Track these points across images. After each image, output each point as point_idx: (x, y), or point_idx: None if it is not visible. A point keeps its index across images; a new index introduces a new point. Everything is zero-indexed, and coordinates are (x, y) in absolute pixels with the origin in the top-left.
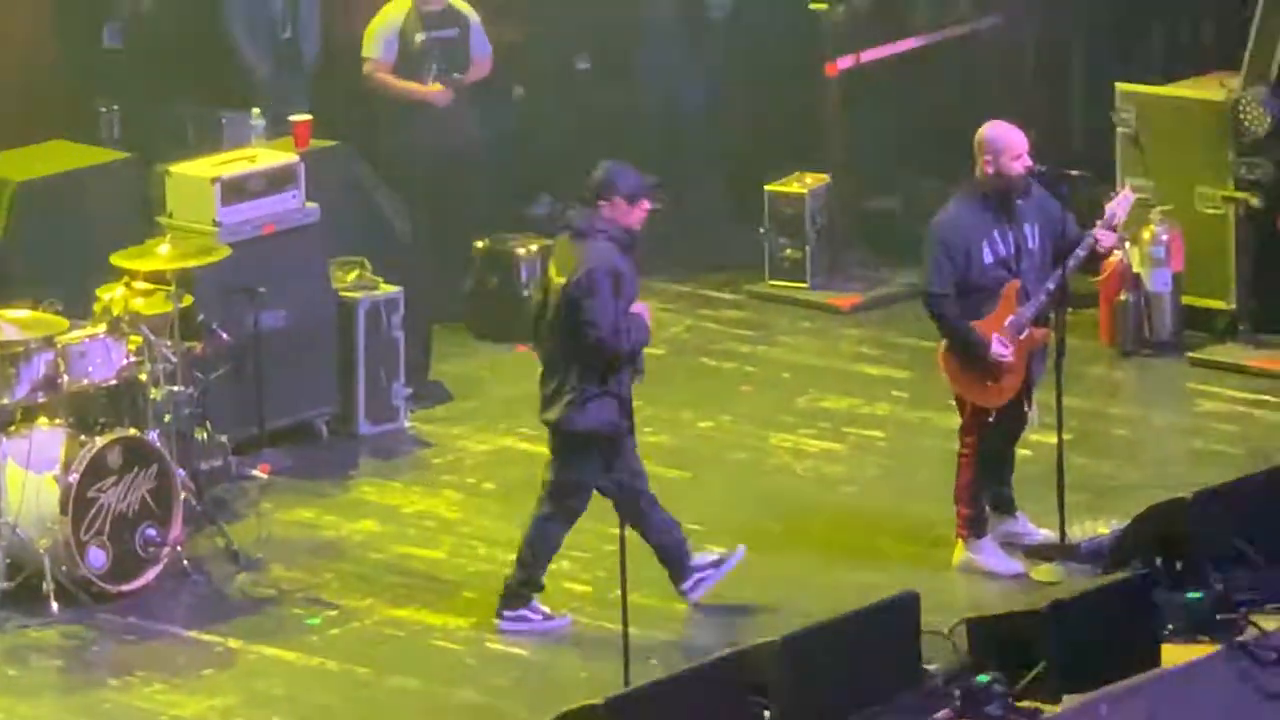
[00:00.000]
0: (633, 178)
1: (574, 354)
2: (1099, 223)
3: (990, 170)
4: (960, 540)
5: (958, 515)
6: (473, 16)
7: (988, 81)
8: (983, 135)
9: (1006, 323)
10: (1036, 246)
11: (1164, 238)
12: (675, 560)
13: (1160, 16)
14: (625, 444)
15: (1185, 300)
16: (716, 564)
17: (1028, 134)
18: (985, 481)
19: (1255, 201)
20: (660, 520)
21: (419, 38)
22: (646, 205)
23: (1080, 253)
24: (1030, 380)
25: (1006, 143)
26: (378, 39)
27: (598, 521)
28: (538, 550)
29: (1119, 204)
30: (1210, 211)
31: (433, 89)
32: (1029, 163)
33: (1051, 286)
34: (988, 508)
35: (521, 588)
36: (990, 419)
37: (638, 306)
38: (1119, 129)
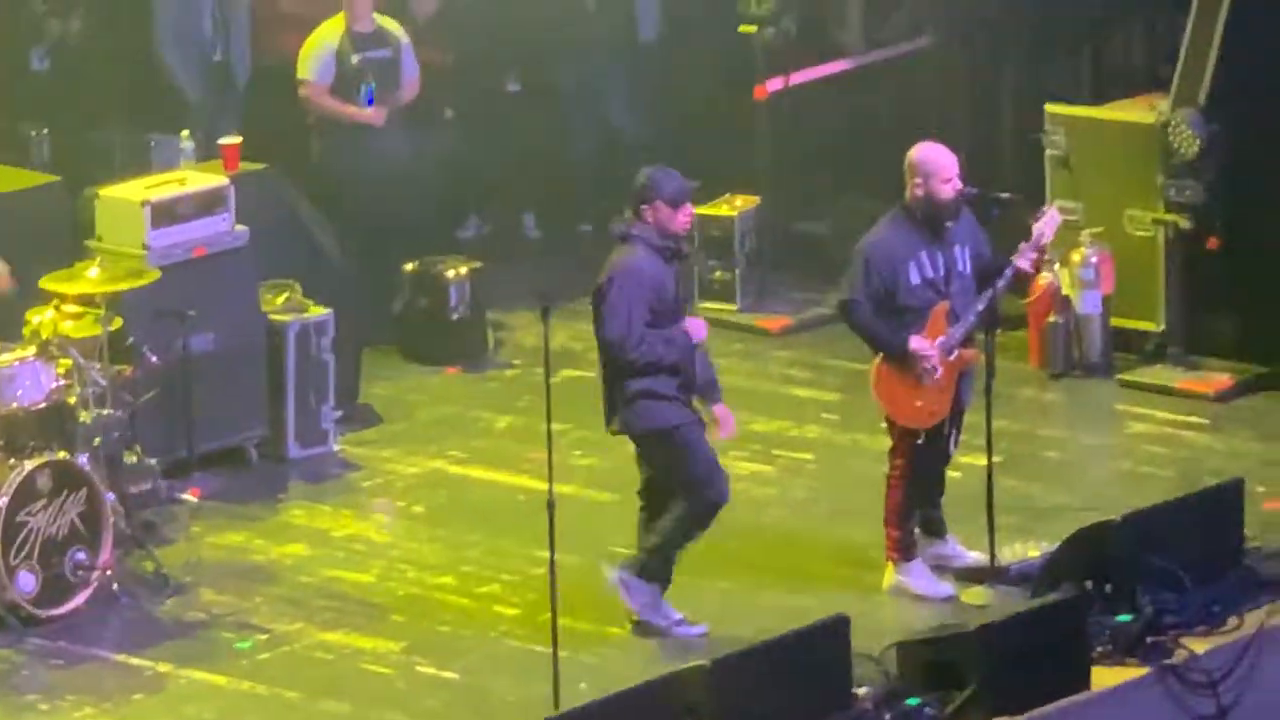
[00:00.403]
0: (675, 181)
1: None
2: (1023, 245)
3: (920, 192)
4: (890, 563)
5: (887, 538)
6: (403, 38)
7: (919, 103)
8: (913, 157)
9: (936, 343)
10: (967, 269)
11: (1093, 260)
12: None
13: (1090, 39)
14: (681, 439)
15: (1115, 322)
16: (677, 622)
17: (958, 156)
18: (915, 504)
19: (1184, 224)
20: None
21: (354, 59)
22: (690, 209)
23: (1007, 274)
24: (961, 405)
25: (937, 165)
26: (314, 60)
27: (528, 545)
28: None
29: (1046, 224)
30: (1140, 234)
31: (366, 112)
32: (959, 185)
33: (980, 308)
34: (918, 530)
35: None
36: (920, 441)
37: (692, 323)
38: (1048, 151)
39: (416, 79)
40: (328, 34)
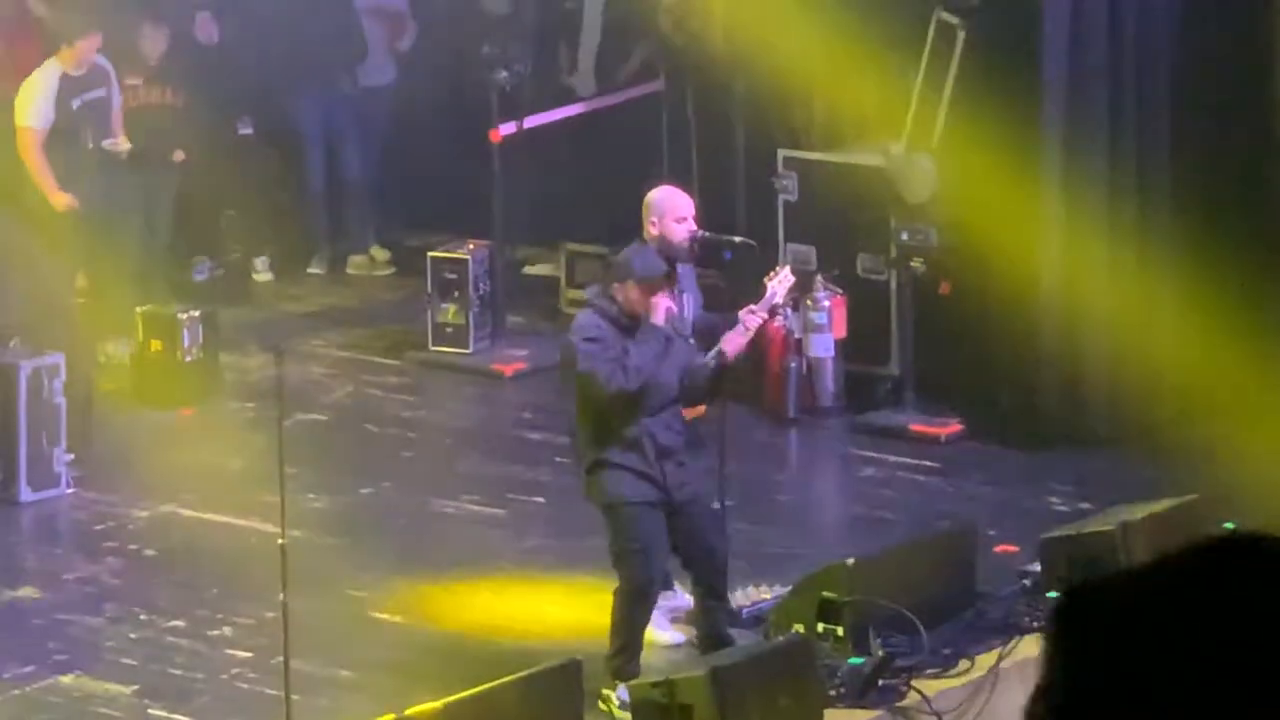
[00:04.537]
0: (650, 263)
1: (579, 425)
2: (751, 306)
3: (655, 231)
4: None
5: None
6: (114, 74)
7: (651, 148)
8: (649, 197)
9: None
10: (691, 317)
11: (826, 304)
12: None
13: (821, 86)
14: (644, 515)
15: (848, 366)
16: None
17: (694, 200)
18: None
19: (918, 266)
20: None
21: (74, 103)
22: (664, 298)
23: (739, 336)
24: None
25: (670, 205)
26: (34, 106)
27: (260, 588)
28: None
29: (780, 283)
30: (872, 277)
31: (61, 198)
32: (693, 227)
33: (713, 365)
34: None
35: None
36: None
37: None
38: (781, 195)
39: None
40: (47, 76)
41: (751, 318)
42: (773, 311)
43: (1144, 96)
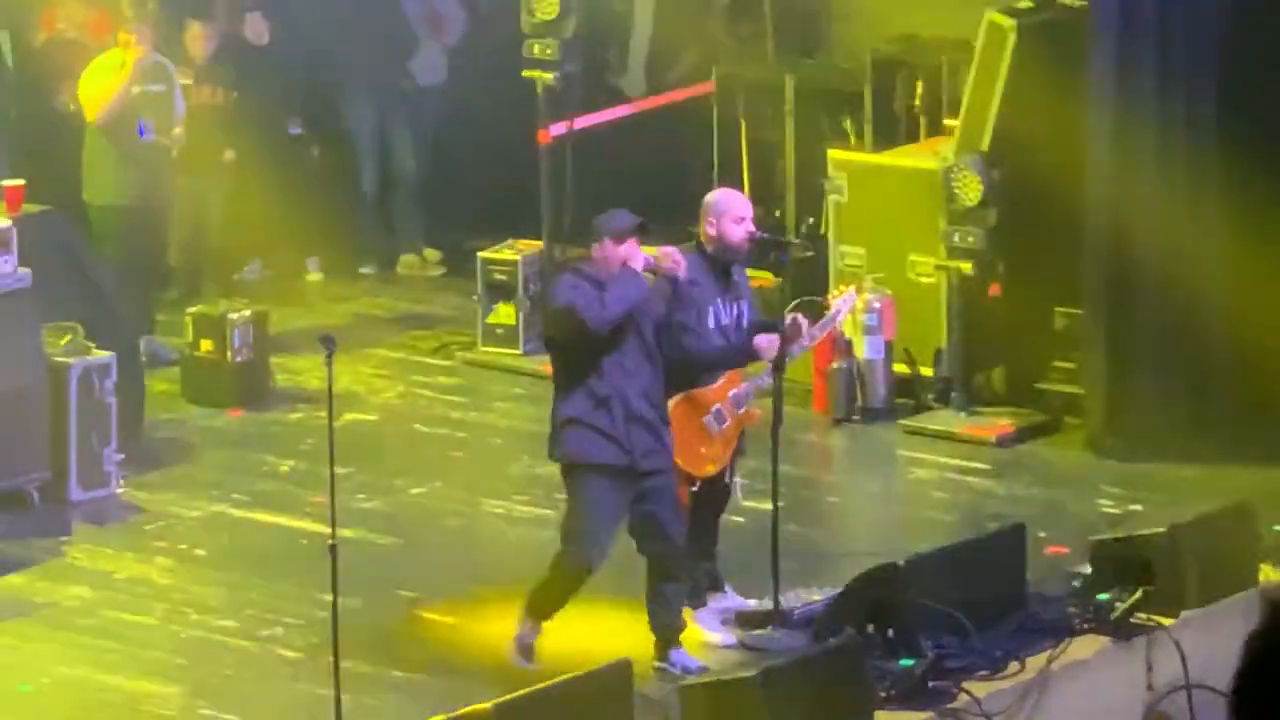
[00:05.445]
0: (619, 218)
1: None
2: (812, 323)
3: (713, 232)
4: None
5: None
6: (175, 74)
7: (701, 148)
8: (707, 199)
9: (730, 394)
10: (748, 321)
11: (876, 306)
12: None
13: (872, 85)
14: (600, 485)
15: (897, 368)
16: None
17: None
18: (699, 553)
19: (967, 269)
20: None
21: (135, 90)
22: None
23: (805, 343)
24: (740, 451)
25: (729, 206)
26: (98, 88)
27: (310, 588)
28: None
29: (843, 303)
30: (922, 280)
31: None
32: (751, 228)
33: (770, 374)
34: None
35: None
36: (695, 488)
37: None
38: (831, 197)
39: (182, 118)
40: (110, 64)
41: (809, 337)
42: (834, 324)
43: (1193, 99)
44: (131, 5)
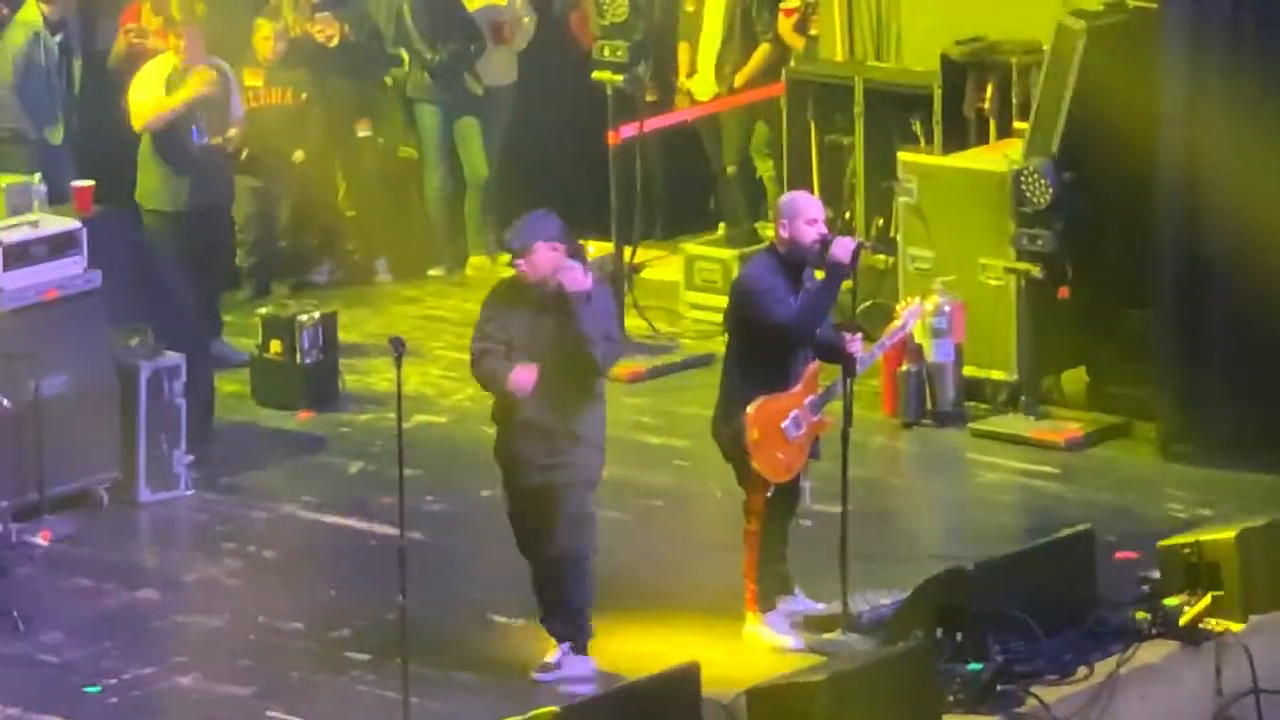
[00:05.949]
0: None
1: None
2: (861, 338)
3: (785, 234)
4: (749, 613)
5: (747, 590)
6: (233, 76)
7: (768, 150)
8: (780, 201)
9: (806, 401)
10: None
11: (946, 309)
12: None
13: (942, 87)
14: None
15: (967, 371)
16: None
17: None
18: (769, 556)
19: (1036, 272)
20: None
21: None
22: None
23: (877, 352)
24: (811, 455)
25: (802, 207)
26: (146, 91)
27: (378, 590)
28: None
29: (910, 314)
30: (992, 282)
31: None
32: (823, 230)
33: (843, 383)
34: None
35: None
36: (769, 493)
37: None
38: (901, 199)
39: (241, 120)
40: (162, 68)
41: (878, 348)
42: (901, 344)
43: (1267, 95)
44: (180, 8)
